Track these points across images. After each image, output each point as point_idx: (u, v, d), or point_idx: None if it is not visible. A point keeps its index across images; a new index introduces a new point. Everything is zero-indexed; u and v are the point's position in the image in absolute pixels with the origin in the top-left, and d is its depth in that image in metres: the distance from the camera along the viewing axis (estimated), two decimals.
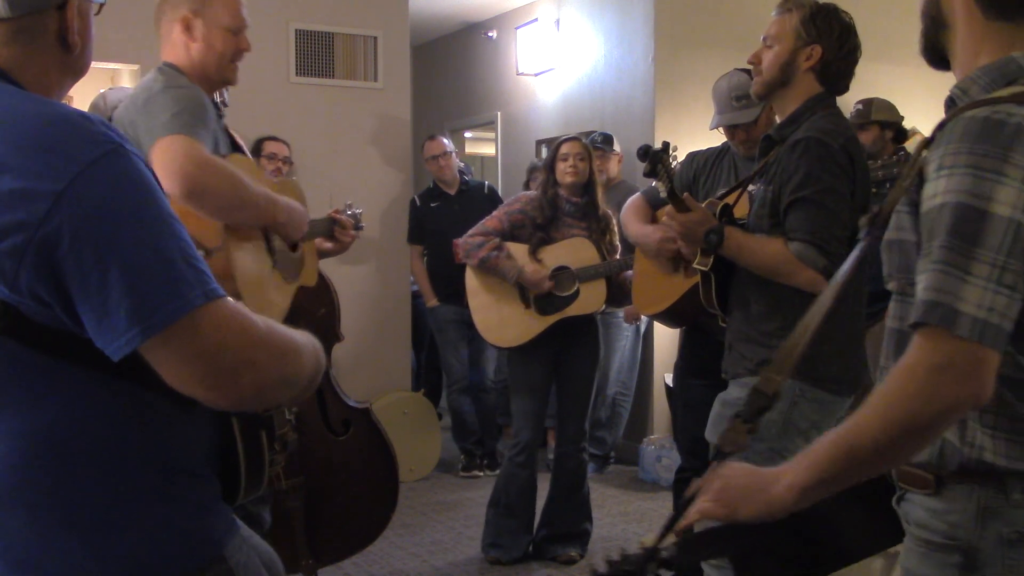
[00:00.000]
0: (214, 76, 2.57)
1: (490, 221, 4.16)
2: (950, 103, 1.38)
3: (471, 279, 4.19)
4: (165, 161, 2.28)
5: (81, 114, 1.22)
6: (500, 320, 4.13)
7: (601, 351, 4.27)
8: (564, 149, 4.14)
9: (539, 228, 4.10)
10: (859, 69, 2.61)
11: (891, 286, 1.41)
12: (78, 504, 1.25)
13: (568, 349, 4.15)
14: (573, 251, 4.10)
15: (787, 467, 1.31)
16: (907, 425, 1.22)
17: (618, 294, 4.14)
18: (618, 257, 4.14)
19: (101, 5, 1.39)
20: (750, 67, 2.63)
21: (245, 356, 1.21)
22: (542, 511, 4.31)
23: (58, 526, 1.25)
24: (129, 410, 1.27)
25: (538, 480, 4.28)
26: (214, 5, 2.53)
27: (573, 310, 4.07)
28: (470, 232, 4.17)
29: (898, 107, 4.61)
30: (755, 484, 1.33)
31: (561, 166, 4.12)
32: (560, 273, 4.08)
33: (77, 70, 1.37)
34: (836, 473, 1.27)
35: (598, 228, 4.14)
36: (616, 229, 4.20)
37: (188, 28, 2.51)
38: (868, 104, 4.60)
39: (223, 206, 2.35)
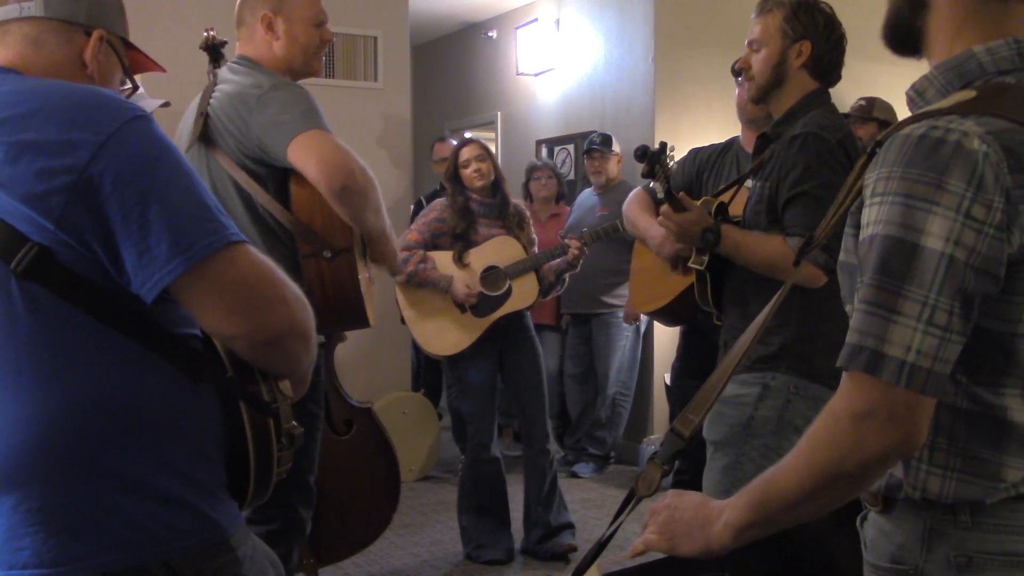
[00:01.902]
0: (300, 69, 2.60)
1: (410, 235, 4.17)
2: (909, 103, 1.29)
3: (401, 295, 4.20)
4: (322, 153, 2.28)
5: (110, 91, 1.38)
6: (439, 329, 4.14)
7: (539, 345, 4.29)
8: (463, 156, 4.15)
9: (458, 237, 4.12)
10: (859, 70, 2.61)
11: (847, 309, 1.33)
12: (104, 465, 1.28)
13: (510, 350, 4.19)
14: (498, 250, 4.14)
15: (729, 503, 1.26)
16: (832, 473, 1.17)
17: (544, 285, 4.20)
18: (536, 250, 4.21)
19: (124, 40, 1.51)
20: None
21: (278, 292, 1.33)
22: (525, 516, 4.30)
23: (82, 482, 1.28)
24: (155, 379, 1.31)
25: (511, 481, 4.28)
26: (293, 0, 2.56)
27: (508, 307, 4.12)
28: None
29: (897, 108, 4.62)
30: (699, 520, 1.28)
31: (465, 172, 4.13)
32: (490, 273, 4.12)
33: None
34: (767, 516, 1.23)
35: (515, 224, 4.19)
36: (531, 221, 4.28)
37: (270, 26, 2.53)
38: (871, 101, 4.75)
39: (365, 207, 2.36)
